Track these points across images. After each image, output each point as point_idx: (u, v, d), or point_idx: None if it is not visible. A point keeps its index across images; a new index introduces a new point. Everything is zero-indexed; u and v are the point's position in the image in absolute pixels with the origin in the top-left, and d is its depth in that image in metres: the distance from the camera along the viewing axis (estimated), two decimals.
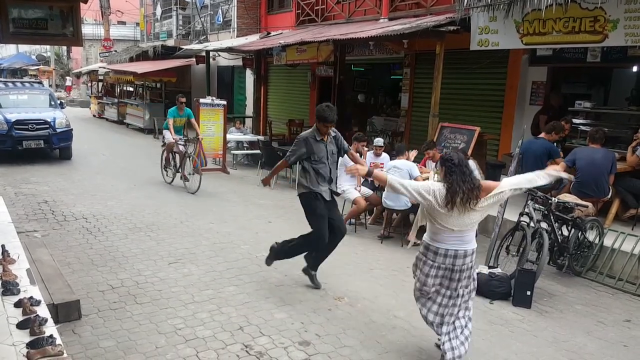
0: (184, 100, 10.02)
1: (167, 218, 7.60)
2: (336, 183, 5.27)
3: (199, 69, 19.33)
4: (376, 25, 10.36)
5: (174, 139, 9.66)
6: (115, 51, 26.13)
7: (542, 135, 7.02)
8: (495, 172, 8.47)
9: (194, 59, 18.05)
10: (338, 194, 5.33)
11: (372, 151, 7.84)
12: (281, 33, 14.74)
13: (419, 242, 6.11)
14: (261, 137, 13.29)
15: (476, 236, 3.82)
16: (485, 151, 8.82)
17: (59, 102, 13.51)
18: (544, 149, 6.83)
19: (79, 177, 10.43)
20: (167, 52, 19.52)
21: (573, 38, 6.61)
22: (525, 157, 7.07)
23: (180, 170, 9.87)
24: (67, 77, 35.64)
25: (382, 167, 7.46)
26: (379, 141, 7.89)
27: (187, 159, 9.69)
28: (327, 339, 4.26)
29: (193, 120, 10.19)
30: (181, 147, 9.67)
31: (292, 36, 12.74)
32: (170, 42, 20.65)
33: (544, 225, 5.68)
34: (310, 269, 5.32)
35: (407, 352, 4.11)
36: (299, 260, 6.02)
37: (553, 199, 5.75)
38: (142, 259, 5.89)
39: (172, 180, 9.96)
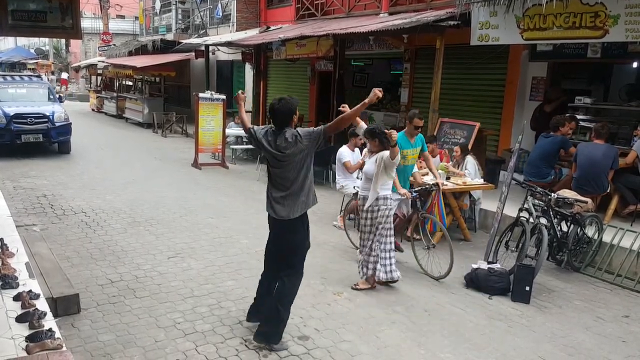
0: (421, 123, 5.83)
1: (166, 212, 7.59)
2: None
3: (198, 64, 19.27)
4: (376, 20, 10.33)
5: (402, 193, 5.55)
6: (114, 45, 26.05)
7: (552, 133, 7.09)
8: (494, 167, 8.47)
9: (193, 54, 18.00)
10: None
11: None
12: (281, 27, 14.69)
13: (417, 237, 6.15)
14: None
15: None
16: (485, 147, 8.82)
17: (57, 96, 13.48)
18: (554, 144, 6.95)
19: (78, 171, 10.41)
20: (166, 47, 19.46)
21: (573, 33, 6.59)
22: (531, 152, 7.16)
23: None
24: (62, 73, 35.50)
25: None
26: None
27: (420, 221, 5.91)
28: (326, 333, 4.27)
29: (428, 154, 6.15)
30: (409, 205, 6.01)
31: (292, 30, 12.69)
32: (170, 36, 20.58)
33: (543, 220, 5.69)
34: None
35: (406, 347, 4.12)
36: None
37: (552, 194, 5.76)
38: (141, 253, 5.89)
39: None
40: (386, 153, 4.87)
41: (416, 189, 5.90)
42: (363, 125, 5.17)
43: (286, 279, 4.04)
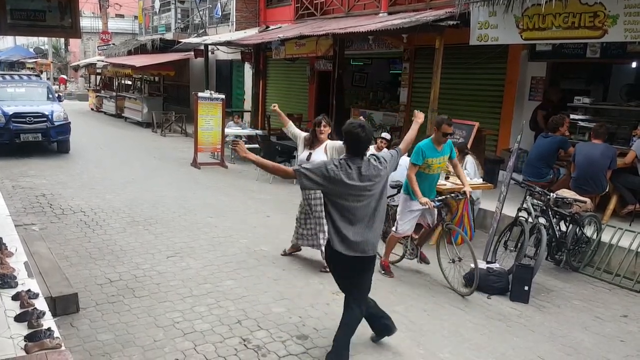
0: (451, 129, 5.23)
1: (166, 212, 7.59)
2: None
3: (198, 63, 19.26)
4: (375, 20, 10.33)
5: (423, 202, 5.06)
6: (114, 44, 26.02)
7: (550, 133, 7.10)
8: (493, 167, 8.47)
9: (193, 53, 17.99)
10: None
11: (373, 146, 7.81)
12: (280, 27, 14.68)
13: (416, 236, 6.15)
14: (259, 132, 13.27)
15: None
16: (484, 146, 8.82)
17: (56, 95, 13.47)
18: (553, 144, 6.96)
19: (77, 170, 10.41)
20: (165, 46, 19.45)
21: (572, 33, 6.59)
22: (530, 152, 7.14)
23: (419, 247, 5.74)
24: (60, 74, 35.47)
25: None
26: (386, 135, 7.88)
27: (444, 232, 5.46)
28: (324, 332, 4.27)
29: (456, 161, 5.60)
30: (434, 214, 5.41)
31: (291, 30, 12.69)
32: (169, 36, 20.56)
33: (542, 220, 5.69)
34: None
35: (404, 346, 4.12)
36: (296, 255, 6.06)
37: (551, 194, 5.76)
38: (140, 253, 5.89)
39: (402, 258, 5.86)
40: (337, 143, 5.21)
41: (440, 198, 5.34)
42: (291, 124, 5.80)
43: (357, 310, 3.74)
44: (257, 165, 3.72)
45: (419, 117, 4.43)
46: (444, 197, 5.42)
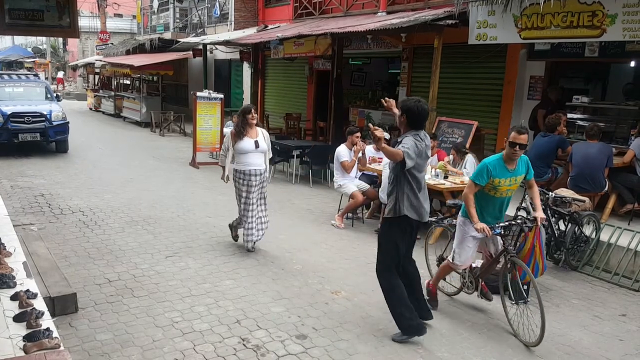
0: (521, 138, 4.20)
1: (164, 212, 7.58)
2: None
3: (196, 63, 19.25)
4: (374, 19, 10.33)
5: (479, 228, 4.21)
6: (112, 44, 25.98)
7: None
8: None
9: (191, 52, 17.97)
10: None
11: (372, 145, 7.81)
12: (279, 26, 14.68)
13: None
14: None
15: None
16: (482, 146, 8.83)
17: (55, 94, 13.46)
18: (551, 143, 6.96)
19: (75, 170, 10.40)
20: (164, 45, 19.42)
21: (571, 33, 6.60)
22: (528, 152, 7.15)
23: (479, 280, 4.79)
24: (59, 72, 35.41)
25: (380, 162, 7.45)
26: (385, 134, 7.87)
27: (507, 264, 4.43)
28: (323, 332, 4.27)
29: (533, 181, 4.60)
30: (498, 242, 4.53)
31: (290, 29, 12.69)
32: (167, 35, 20.55)
33: None
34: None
35: (403, 346, 4.12)
36: (295, 255, 6.05)
37: (550, 193, 5.77)
38: (139, 252, 5.89)
39: (460, 291, 5.01)
40: (263, 130, 6.14)
41: (503, 224, 4.34)
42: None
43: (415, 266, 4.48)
44: (384, 153, 4.00)
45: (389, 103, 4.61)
46: (508, 223, 4.39)
